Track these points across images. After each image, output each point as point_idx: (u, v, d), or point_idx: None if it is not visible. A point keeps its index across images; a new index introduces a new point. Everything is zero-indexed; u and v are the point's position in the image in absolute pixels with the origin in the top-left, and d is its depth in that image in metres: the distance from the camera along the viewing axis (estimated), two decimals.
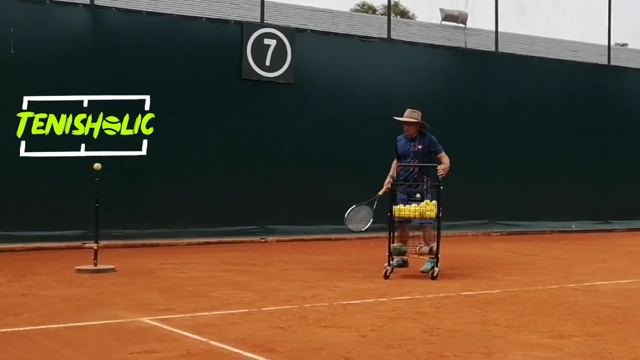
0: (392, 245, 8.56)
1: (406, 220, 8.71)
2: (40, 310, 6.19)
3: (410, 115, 9.14)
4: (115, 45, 11.89)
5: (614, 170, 16.80)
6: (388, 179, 9.11)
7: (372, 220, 8.93)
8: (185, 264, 9.52)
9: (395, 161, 9.33)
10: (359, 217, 8.98)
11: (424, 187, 8.86)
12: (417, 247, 8.72)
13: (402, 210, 8.53)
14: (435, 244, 8.53)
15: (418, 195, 8.75)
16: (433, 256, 8.51)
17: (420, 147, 9.08)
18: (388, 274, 8.39)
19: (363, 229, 9.02)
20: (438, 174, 8.76)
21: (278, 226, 13.05)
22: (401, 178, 9.09)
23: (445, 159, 9.05)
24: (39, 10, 11.37)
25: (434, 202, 8.52)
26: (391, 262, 8.52)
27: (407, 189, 8.92)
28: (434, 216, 8.47)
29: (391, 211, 8.56)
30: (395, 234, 8.85)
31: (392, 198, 8.70)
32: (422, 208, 8.47)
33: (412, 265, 8.93)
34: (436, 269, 8.41)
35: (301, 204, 13.23)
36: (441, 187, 8.60)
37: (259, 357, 4.66)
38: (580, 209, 16.22)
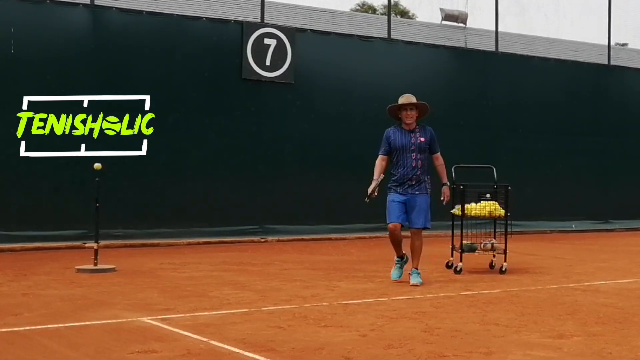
0: (463, 242, 8.85)
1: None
2: (40, 310, 6.19)
3: (409, 99, 8.01)
4: (115, 45, 11.90)
5: (614, 170, 16.81)
6: (374, 185, 7.93)
7: None
8: (185, 264, 9.52)
9: (380, 159, 8.09)
10: None
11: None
12: (482, 244, 8.96)
13: (472, 208, 8.79)
14: (497, 240, 8.95)
15: (488, 195, 8.90)
16: (499, 252, 8.89)
17: (423, 139, 7.97)
18: (459, 269, 8.71)
19: None
20: (444, 201, 8.17)
21: (278, 226, 13.05)
22: (397, 177, 7.98)
23: (442, 164, 8.24)
24: (39, 10, 11.38)
25: (492, 201, 8.87)
26: (458, 263, 8.78)
27: (410, 188, 7.93)
28: (502, 214, 8.82)
29: (463, 209, 8.77)
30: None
31: (460, 196, 8.81)
32: (491, 206, 8.78)
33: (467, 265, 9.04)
34: (505, 264, 8.83)
35: (301, 204, 13.23)
36: (509, 188, 8.91)
37: (259, 357, 4.66)
38: (580, 209, 16.23)
